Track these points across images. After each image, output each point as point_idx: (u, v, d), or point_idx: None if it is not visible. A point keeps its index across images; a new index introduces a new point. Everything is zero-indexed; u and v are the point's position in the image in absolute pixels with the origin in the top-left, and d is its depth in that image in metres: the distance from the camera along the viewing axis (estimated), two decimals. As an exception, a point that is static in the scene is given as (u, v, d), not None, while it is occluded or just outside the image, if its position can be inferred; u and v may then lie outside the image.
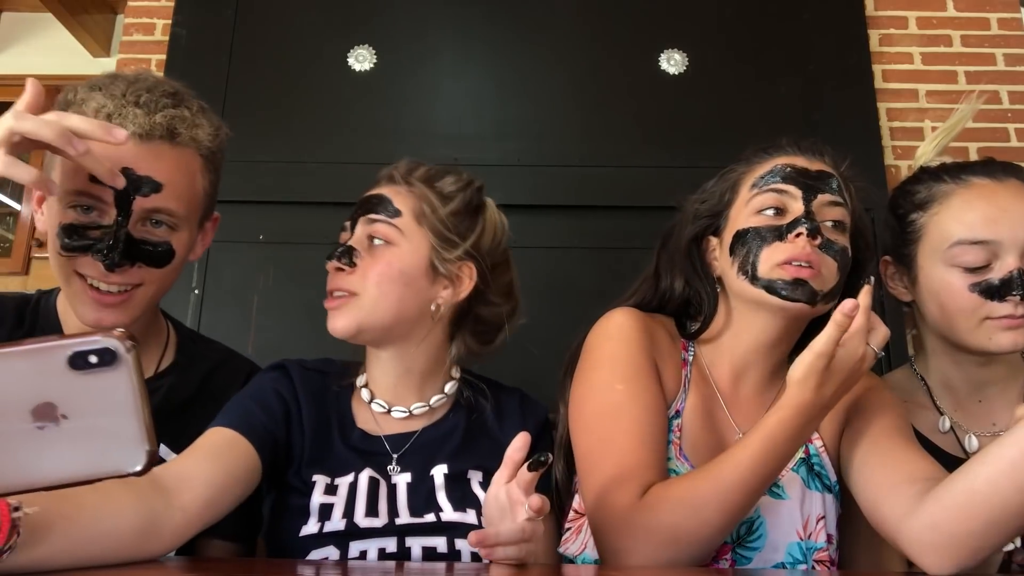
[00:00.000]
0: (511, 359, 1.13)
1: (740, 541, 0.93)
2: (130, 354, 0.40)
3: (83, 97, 0.92)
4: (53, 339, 0.40)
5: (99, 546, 0.66)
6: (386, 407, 1.02)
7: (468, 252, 1.02)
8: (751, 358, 1.01)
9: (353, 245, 0.99)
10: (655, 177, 2.00)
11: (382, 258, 0.98)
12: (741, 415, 1.00)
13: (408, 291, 0.98)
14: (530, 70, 2.16)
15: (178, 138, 0.94)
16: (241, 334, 1.90)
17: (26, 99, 0.81)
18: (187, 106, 0.96)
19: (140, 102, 0.91)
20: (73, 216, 0.91)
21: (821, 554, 0.94)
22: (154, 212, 0.93)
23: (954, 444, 1.06)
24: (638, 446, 0.89)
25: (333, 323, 0.98)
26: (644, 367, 0.95)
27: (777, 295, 0.92)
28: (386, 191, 1.02)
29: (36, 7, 3.22)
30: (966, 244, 1.00)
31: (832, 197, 0.95)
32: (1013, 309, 0.97)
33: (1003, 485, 0.71)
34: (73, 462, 0.41)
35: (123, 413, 0.41)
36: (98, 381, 0.40)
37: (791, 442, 0.82)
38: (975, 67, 2.24)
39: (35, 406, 0.40)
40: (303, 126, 2.10)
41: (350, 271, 0.98)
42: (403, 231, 0.99)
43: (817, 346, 0.79)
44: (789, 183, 0.96)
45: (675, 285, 1.05)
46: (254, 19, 2.19)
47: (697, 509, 0.80)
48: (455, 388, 1.06)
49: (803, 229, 0.91)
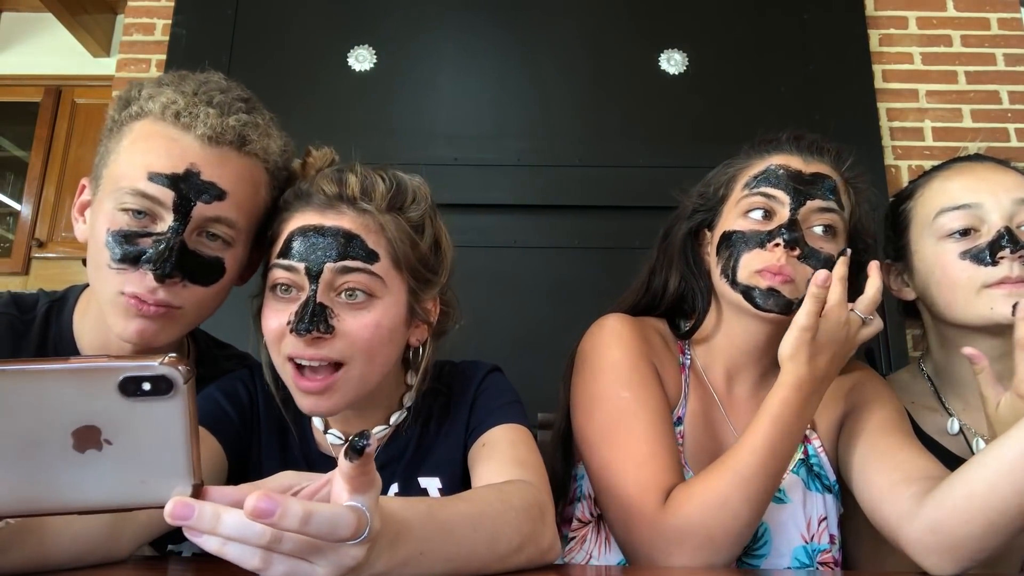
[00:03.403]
0: (511, 359, 1.12)
1: (746, 551, 0.92)
2: (186, 384, 0.38)
3: (150, 93, 0.86)
4: (105, 359, 0.38)
5: (69, 552, 0.64)
6: (343, 439, 0.91)
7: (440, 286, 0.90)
8: (744, 360, 1.00)
9: (323, 302, 0.79)
10: (655, 177, 2.00)
11: (365, 319, 0.81)
12: (737, 417, 1.00)
13: (393, 347, 0.85)
14: (530, 70, 2.16)
15: (248, 146, 0.87)
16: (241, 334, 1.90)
17: None
18: (260, 115, 0.90)
19: (213, 102, 0.85)
20: (125, 221, 0.83)
21: (825, 556, 0.94)
22: (213, 222, 0.85)
23: (963, 447, 1.05)
24: (655, 452, 0.88)
25: (315, 406, 0.82)
26: (646, 372, 0.95)
27: (752, 302, 0.92)
28: (350, 225, 0.81)
29: (36, 7, 3.22)
30: (949, 211, 1.02)
31: (822, 203, 0.93)
32: (1008, 271, 0.96)
33: (1002, 487, 0.71)
34: (110, 490, 0.39)
35: (171, 445, 0.39)
36: (149, 409, 0.38)
37: (797, 417, 0.83)
38: (975, 67, 2.23)
39: (77, 428, 0.38)
40: (303, 126, 2.08)
41: (329, 338, 0.79)
42: (385, 281, 0.82)
43: (799, 320, 0.82)
44: (779, 188, 0.94)
45: (669, 281, 1.05)
46: (254, 19, 2.19)
47: (723, 504, 0.81)
48: (412, 399, 0.94)
49: (781, 240, 0.90)
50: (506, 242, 2.04)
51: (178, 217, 0.83)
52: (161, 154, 0.84)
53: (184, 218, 0.83)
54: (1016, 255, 0.96)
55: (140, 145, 0.85)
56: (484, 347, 1.08)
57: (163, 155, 0.84)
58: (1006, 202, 0.99)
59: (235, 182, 0.86)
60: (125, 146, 0.86)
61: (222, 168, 0.85)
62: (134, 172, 0.83)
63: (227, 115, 0.86)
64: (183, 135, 0.85)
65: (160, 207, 0.83)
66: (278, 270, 0.83)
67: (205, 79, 0.89)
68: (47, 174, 3.42)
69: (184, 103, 0.84)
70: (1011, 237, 0.96)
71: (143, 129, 0.86)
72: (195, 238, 0.86)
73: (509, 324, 1.92)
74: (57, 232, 3.39)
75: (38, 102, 3.45)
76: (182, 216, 0.83)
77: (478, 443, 0.89)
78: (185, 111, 0.84)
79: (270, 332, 0.83)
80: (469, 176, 2.06)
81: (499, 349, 1.32)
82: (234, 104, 0.87)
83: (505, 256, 2.03)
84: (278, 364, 0.85)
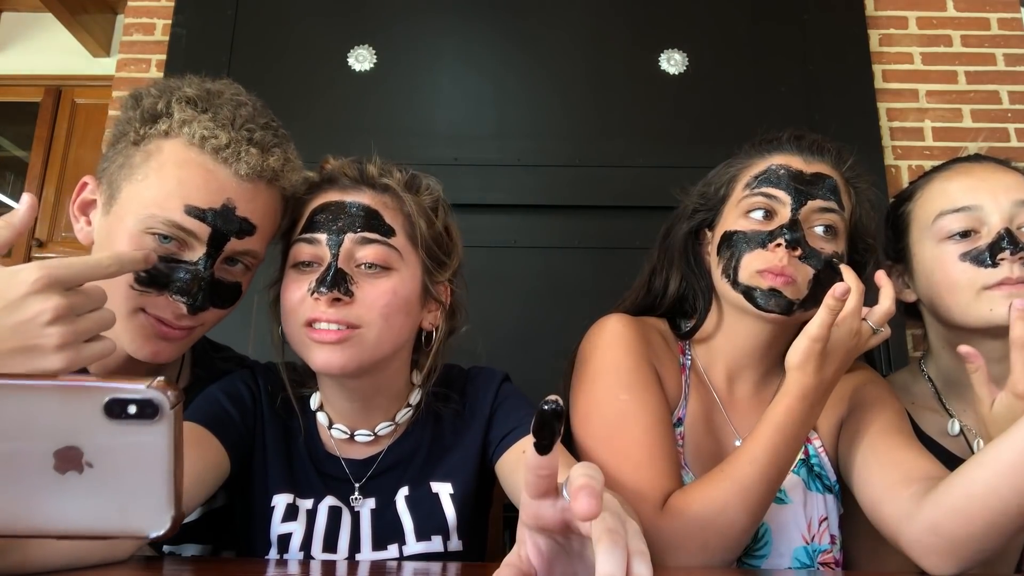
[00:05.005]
0: (511, 359, 1.12)
1: (747, 551, 0.92)
2: (173, 410, 0.37)
3: (184, 118, 0.83)
4: (91, 379, 0.37)
5: (69, 553, 0.65)
6: (348, 432, 0.92)
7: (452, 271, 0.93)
8: (745, 361, 1.00)
9: (344, 269, 0.84)
10: (655, 177, 2.00)
11: (383, 286, 0.84)
12: (738, 418, 1.00)
13: (408, 320, 0.88)
14: (530, 70, 2.16)
15: (279, 181, 0.88)
16: (241, 334, 1.90)
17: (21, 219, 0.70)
18: (288, 144, 0.90)
19: (254, 139, 0.84)
20: (151, 244, 0.82)
21: (826, 556, 0.94)
22: (242, 254, 0.87)
23: (964, 448, 1.04)
24: (652, 456, 0.88)
25: (329, 359, 0.82)
26: (646, 374, 0.94)
27: (754, 303, 0.92)
28: (370, 202, 0.87)
29: (36, 7, 3.22)
30: (949, 213, 1.01)
31: (823, 203, 0.93)
32: (1008, 272, 0.96)
33: (1002, 489, 0.71)
34: (89, 515, 0.37)
35: (154, 472, 0.37)
36: (133, 433, 0.37)
37: (800, 426, 0.83)
38: (975, 67, 2.24)
39: (59, 448, 0.36)
40: (303, 126, 2.08)
41: (348, 301, 0.83)
42: (402, 254, 0.87)
43: (811, 331, 0.80)
44: (780, 188, 0.94)
45: (670, 281, 1.04)
46: (254, 19, 2.19)
47: (721, 512, 0.80)
48: (419, 397, 0.95)
49: (783, 240, 0.90)
50: (506, 242, 2.04)
51: (211, 251, 0.83)
52: (199, 185, 0.82)
53: (217, 252, 0.84)
54: (1016, 257, 0.95)
55: (174, 172, 0.83)
56: (484, 347, 1.08)
57: (201, 188, 0.82)
58: (1006, 203, 0.98)
59: (263, 216, 0.87)
60: (154, 167, 0.83)
61: (254, 203, 0.86)
62: (169, 201, 0.82)
63: (267, 154, 0.86)
64: (220, 168, 0.84)
65: (193, 239, 0.83)
66: (301, 245, 0.86)
67: (234, 100, 0.87)
68: (47, 174, 3.41)
69: (226, 140, 0.83)
70: (1011, 239, 0.96)
71: (177, 154, 0.83)
72: (220, 266, 0.86)
73: (509, 324, 1.92)
74: (57, 232, 3.38)
75: (38, 102, 3.45)
76: (215, 250, 0.84)
77: (514, 449, 0.88)
78: (226, 148, 0.83)
79: (290, 302, 0.85)
80: (469, 176, 2.06)
81: (499, 349, 1.32)
82: (271, 139, 0.87)
83: (505, 256, 2.02)
84: (294, 334, 0.86)
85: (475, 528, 0.95)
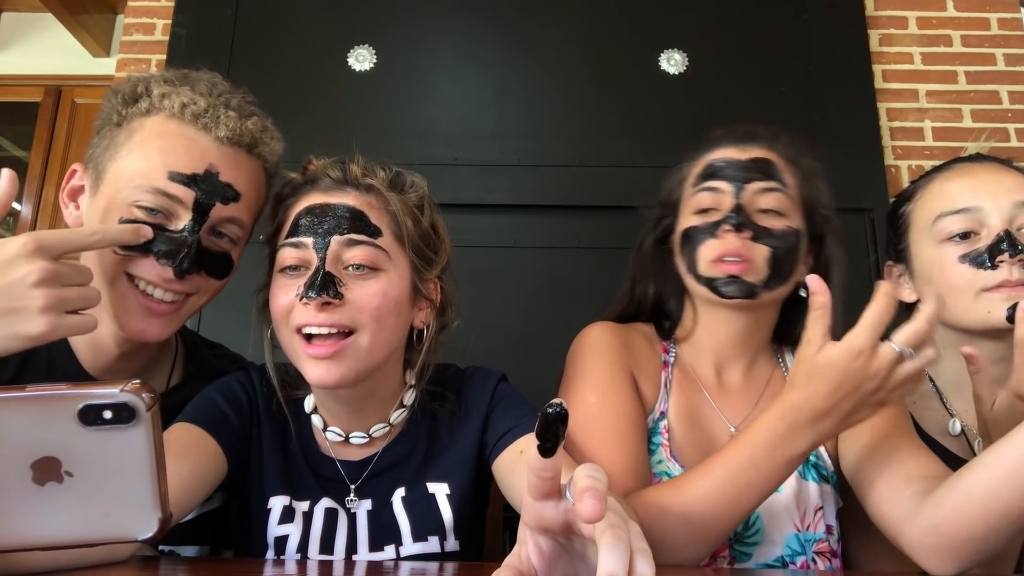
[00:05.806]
0: (511, 359, 1.12)
1: (738, 538, 0.93)
2: (149, 412, 0.36)
3: (163, 91, 0.86)
4: (63, 387, 0.36)
5: (72, 554, 0.65)
6: (343, 435, 0.91)
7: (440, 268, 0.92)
8: (728, 352, 1.02)
9: (331, 272, 0.82)
10: (655, 177, 1.99)
11: (372, 287, 0.83)
12: (729, 407, 1.01)
13: (400, 321, 0.86)
14: (530, 70, 2.16)
15: (257, 148, 0.89)
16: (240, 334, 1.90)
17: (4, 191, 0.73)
18: (264, 118, 0.92)
19: (231, 105, 0.87)
20: (139, 217, 0.83)
21: (820, 545, 0.94)
22: (226, 222, 0.88)
23: (965, 447, 1.04)
24: (613, 454, 0.89)
25: (325, 375, 0.81)
26: (617, 377, 0.96)
27: (717, 292, 0.94)
28: (355, 203, 0.85)
29: (36, 7, 3.22)
30: (948, 215, 1.01)
31: (763, 184, 0.96)
32: (1008, 274, 0.96)
33: (1003, 491, 0.71)
34: (74, 524, 0.37)
35: (136, 476, 0.36)
36: (111, 439, 0.36)
37: (773, 449, 0.77)
38: (975, 67, 2.24)
39: (36, 460, 0.36)
40: (303, 126, 2.09)
41: (338, 304, 0.81)
42: (389, 254, 0.85)
43: (806, 334, 0.76)
44: (720, 179, 0.98)
45: (648, 289, 1.07)
46: (254, 19, 2.19)
47: (660, 517, 0.79)
48: (413, 397, 0.94)
49: (729, 225, 0.93)
50: (506, 242, 2.04)
51: (196, 217, 0.84)
52: (181, 153, 0.84)
53: (202, 218, 0.85)
54: (1015, 259, 0.95)
55: (156, 143, 0.85)
56: (484, 347, 1.08)
57: (183, 154, 0.84)
58: (1006, 205, 0.98)
59: (247, 184, 0.89)
60: (138, 142, 0.85)
61: (237, 170, 0.87)
62: (153, 171, 0.83)
63: (245, 118, 0.87)
64: (202, 135, 0.86)
65: (179, 206, 0.84)
66: (287, 249, 0.85)
67: (211, 79, 0.90)
68: (47, 174, 3.41)
69: (204, 104, 0.85)
70: (1010, 241, 0.96)
71: (157, 126, 0.86)
72: (207, 237, 0.87)
73: (509, 324, 1.92)
74: (57, 232, 3.38)
75: (38, 102, 3.45)
76: (200, 216, 0.85)
77: (511, 449, 0.88)
78: (205, 113, 0.85)
79: (279, 308, 0.84)
80: (469, 176, 2.06)
81: (499, 349, 1.32)
82: (247, 107, 0.89)
83: (505, 256, 2.03)
84: (286, 342, 0.85)
85: (472, 528, 0.95)
